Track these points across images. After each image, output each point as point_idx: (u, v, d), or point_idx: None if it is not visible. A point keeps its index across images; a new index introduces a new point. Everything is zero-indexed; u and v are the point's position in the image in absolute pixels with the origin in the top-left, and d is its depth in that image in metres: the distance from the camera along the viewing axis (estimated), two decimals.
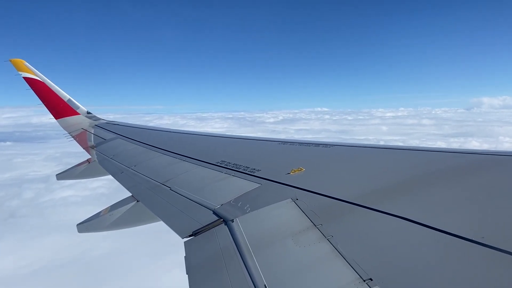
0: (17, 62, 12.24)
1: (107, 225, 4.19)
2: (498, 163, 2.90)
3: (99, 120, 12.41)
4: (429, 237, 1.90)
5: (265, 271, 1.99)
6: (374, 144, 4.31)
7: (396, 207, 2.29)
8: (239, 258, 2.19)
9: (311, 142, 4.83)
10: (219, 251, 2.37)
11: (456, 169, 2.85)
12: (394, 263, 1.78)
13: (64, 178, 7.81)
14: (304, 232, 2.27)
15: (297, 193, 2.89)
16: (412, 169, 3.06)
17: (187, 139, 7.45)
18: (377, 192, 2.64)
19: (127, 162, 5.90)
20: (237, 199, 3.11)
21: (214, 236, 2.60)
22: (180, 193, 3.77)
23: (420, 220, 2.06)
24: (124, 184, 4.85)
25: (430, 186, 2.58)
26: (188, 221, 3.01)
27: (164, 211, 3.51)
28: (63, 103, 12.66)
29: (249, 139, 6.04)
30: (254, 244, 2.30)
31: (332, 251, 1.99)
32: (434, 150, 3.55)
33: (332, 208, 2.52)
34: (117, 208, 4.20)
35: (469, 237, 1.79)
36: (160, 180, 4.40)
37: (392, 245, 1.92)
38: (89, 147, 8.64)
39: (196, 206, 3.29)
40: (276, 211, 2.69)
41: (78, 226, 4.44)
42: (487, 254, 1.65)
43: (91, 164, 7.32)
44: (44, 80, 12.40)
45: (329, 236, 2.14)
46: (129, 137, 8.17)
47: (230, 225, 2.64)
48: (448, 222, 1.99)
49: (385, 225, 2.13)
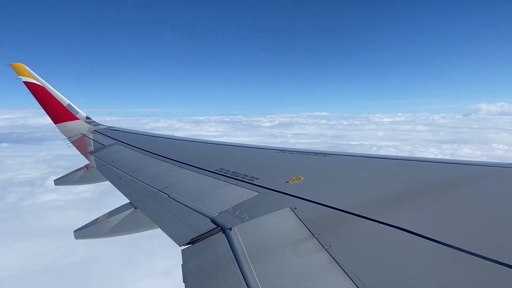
0: (17, 66, 12.23)
1: (104, 232, 4.17)
2: (496, 174, 2.92)
3: (99, 125, 12.40)
4: (427, 248, 1.90)
5: (262, 280, 1.99)
6: (373, 154, 4.32)
7: (395, 217, 2.30)
8: (237, 266, 2.18)
9: (311, 151, 4.85)
10: (217, 259, 2.36)
11: (455, 180, 2.85)
12: (392, 273, 1.78)
13: (62, 183, 7.74)
14: (302, 242, 2.26)
15: (296, 202, 2.88)
16: (410, 180, 3.07)
17: (186, 146, 7.44)
18: (375, 202, 2.64)
19: (126, 169, 5.86)
20: (236, 207, 3.11)
21: (212, 245, 2.59)
22: (178, 200, 3.76)
23: (418, 231, 2.06)
24: (122, 191, 4.81)
25: (429, 197, 2.58)
26: (186, 229, 2.99)
27: (161, 218, 3.49)
28: (63, 108, 12.63)
29: (248, 147, 6.04)
30: (251, 253, 2.29)
31: (330, 261, 1.99)
32: (433, 161, 3.57)
33: (331, 218, 2.52)
34: (115, 215, 4.18)
35: (467, 248, 1.79)
36: (158, 187, 4.38)
37: (390, 255, 1.92)
38: (87, 153, 8.58)
39: (194, 214, 3.27)
40: (274, 220, 2.68)
41: (75, 232, 4.39)
42: (485, 266, 1.65)
43: (90, 170, 7.28)
44: (44, 84, 12.40)
45: (327, 246, 2.14)
46: (128, 143, 8.14)
47: (228, 234, 2.63)
48: (446, 233, 1.99)
49: (383, 236, 2.13)
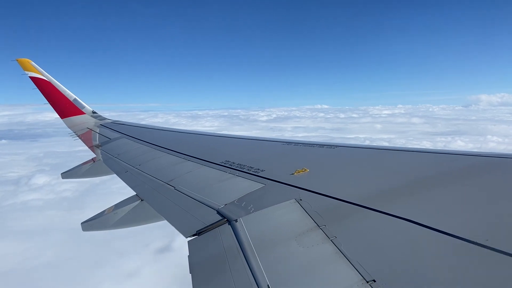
0: (23, 62, 12.24)
1: (111, 224, 4.20)
2: (501, 165, 2.90)
3: (105, 119, 12.41)
4: (433, 239, 1.89)
5: (268, 271, 1.99)
6: (378, 146, 4.31)
7: (400, 208, 2.29)
8: (243, 258, 2.19)
9: (315, 143, 4.83)
10: (223, 251, 2.37)
11: (461, 171, 2.84)
12: (397, 264, 1.77)
13: (69, 177, 7.78)
14: (308, 233, 2.27)
15: (301, 194, 2.88)
16: (416, 171, 3.06)
17: (191, 139, 7.44)
18: (380, 193, 2.63)
19: (132, 162, 5.89)
20: (241, 199, 3.11)
21: (218, 236, 2.60)
22: (184, 192, 3.77)
23: (424, 221, 2.05)
24: (128, 183, 4.85)
25: (434, 188, 2.57)
26: (192, 221, 3.01)
27: (168, 210, 3.51)
28: (69, 103, 12.71)
29: (253, 140, 6.04)
30: (257, 244, 2.30)
31: (336, 252, 1.99)
32: (439, 152, 3.56)
33: (336, 209, 2.51)
34: (121, 207, 4.20)
35: (473, 239, 1.78)
36: (165, 179, 4.40)
37: (395, 246, 1.92)
38: (94, 146, 8.64)
39: (200, 206, 3.28)
40: (279, 212, 2.69)
41: (82, 224, 4.41)
42: (492, 256, 1.65)
43: (96, 163, 7.34)
44: (50, 79, 12.45)
45: (332, 237, 2.14)
46: (134, 137, 8.19)
47: (234, 225, 2.64)
48: (452, 224, 1.98)
49: (388, 227, 2.12)
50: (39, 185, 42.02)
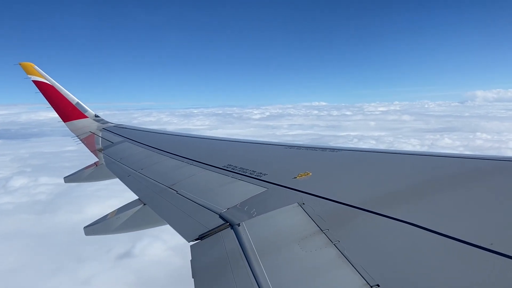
0: (26, 66, 12.32)
1: (113, 228, 4.22)
2: (506, 168, 2.89)
3: (107, 123, 12.47)
4: (436, 243, 1.87)
5: (271, 276, 1.98)
6: (381, 149, 4.31)
7: (404, 212, 2.28)
8: (245, 262, 2.19)
9: (318, 146, 4.83)
10: (225, 255, 2.36)
11: (464, 174, 2.83)
12: (401, 269, 1.76)
13: (72, 181, 7.77)
14: (311, 237, 2.26)
15: (304, 198, 2.87)
16: (420, 174, 3.04)
17: (194, 143, 7.46)
18: (384, 197, 2.62)
19: (134, 165, 5.90)
20: (244, 203, 3.11)
21: (220, 240, 2.60)
22: (186, 196, 3.78)
23: (427, 225, 2.03)
24: (131, 187, 4.84)
25: (438, 191, 2.54)
26: (194, 225, 3.01)
27: (170, 215, 3.52)
28: (72, 107, 12.75)
29: (255, 143, 6.05)
30: (260, 248, 2.30)
31: (339, 257, 1.98)
32: (442, 155, 3.53)
33: (339, 213, 2.50)
34: (124, 211, 4.21)
35: (477, 243, 1.76)
36: (167, 183, 4.40)
37: (399, 250, 1.91)
38: (96, 150, 8.66)
39: (202, 210, 3.29)
40: (282, 216, 2.69)
41: (85, 229, 4.42)
42: (496, 260, 1.63)
43: (99, 167, 7.34)
44: (53, 83, 12.53)
45: (335, 241, 2.13)
46: (137, 141, 8.19)
47: (236, 229, 2.64)
48: (457, 228, 1.97)
49: (392, 231, 2.11)
50: (15, 188, 41.47)
